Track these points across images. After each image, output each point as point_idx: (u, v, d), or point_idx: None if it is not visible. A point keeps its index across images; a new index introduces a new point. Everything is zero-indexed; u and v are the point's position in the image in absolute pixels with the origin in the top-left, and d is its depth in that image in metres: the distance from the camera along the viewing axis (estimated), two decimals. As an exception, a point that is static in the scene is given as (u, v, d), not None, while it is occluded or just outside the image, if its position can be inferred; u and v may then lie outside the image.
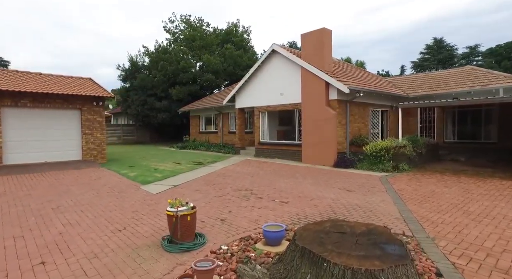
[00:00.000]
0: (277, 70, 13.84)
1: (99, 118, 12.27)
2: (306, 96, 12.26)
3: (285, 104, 13.53)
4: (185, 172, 10.28)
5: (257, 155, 14.94)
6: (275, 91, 13.87)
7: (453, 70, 15.73)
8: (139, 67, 25.38)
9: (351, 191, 7.31)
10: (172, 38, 27.15)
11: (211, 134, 21.53)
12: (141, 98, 24.37)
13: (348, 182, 8.38)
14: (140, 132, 27.93)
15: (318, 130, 11.82)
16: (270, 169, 10.88)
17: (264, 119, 14.85)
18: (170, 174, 9.82)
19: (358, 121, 12.68)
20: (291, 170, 10.57)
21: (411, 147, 10.46)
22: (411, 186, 7.77)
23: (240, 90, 15.89)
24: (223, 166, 11.80)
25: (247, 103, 15.56)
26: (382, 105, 13.89)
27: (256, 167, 11.40)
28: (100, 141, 12.35)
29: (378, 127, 13.78)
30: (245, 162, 12.86)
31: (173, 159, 13.97)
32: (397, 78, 17.74)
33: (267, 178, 9.12)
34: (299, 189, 7.63)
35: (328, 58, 11.95)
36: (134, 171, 10.55)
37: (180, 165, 11.94)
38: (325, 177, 9.20)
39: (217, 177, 9.45)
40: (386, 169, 9.94)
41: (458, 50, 37.83)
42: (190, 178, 9.18)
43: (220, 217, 5.40)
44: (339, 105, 11.64)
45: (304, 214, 5.48)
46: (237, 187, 7.88)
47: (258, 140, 14.95)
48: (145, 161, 13.22)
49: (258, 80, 14.80)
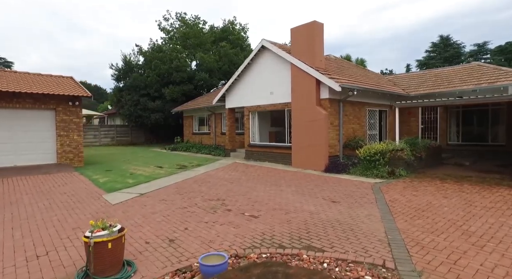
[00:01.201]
0: (267, 68, 12.97)
1: (76, 119, 11.53)
2: (296, 95, 11.37)
3: (275, 104, 12.66)
4: (161, 178, 9.47)
5: (247, 158, 14.08)
6: (265, 90, 13.01)
7: (458, 66, 14.66)
8: (132, 67, 24.69)
9: (335, 202, 6.41)
10: (167, 36, 26.45)
11: (204, 135, 20.74)
12: (134, 98, 23.68)
13: (335, 191, 7.47)
14: (135, 133, 27.27)
15: (308, 132, 10.92)
16: (254, 175, 10.01)
17: (254, 120, 13.99)
18: (144, 180, 9.01)
19: (353, 122, 11.74)
20: (277, 176, 9.70)
21: (409, 151, 9.50)
22: (405, 196, 6.83)
23: (230, 89, 15.05)
24: (205, 170, 10.97)
25: (237, 102, 14.72)
26: (380, 104, 12.93)
27: (241, 172, 10.54)
28: (77, 143, 11.60)
29: (375, 128, 12.82)
30: (231, 166, 12.01)
31: (158, 162, 13.19)
32: (397, 76, 16.73)
33: (246, 186, 8.26)
34: (278, 199, 6.75)
35: (319, 53, 11.04)
36: (107, 176, 9.78)
37: (161, 169, 11.14)
38: (312, 185, 8.30)
39: (193, 183, 8.61)
40: (381, 175, 9.00)
41: (465, 48, 36.49)
42: (163, 185, 8.36)
43: (170, 236, 4.55)
44: (331, 105, 10.73)
45: (271, 234, 4.61)
46: (209, 197, 7.03)
47: (248, 142, 14.09)
48: (126, 165, 12.45)
49: (248, 79, 13.95)
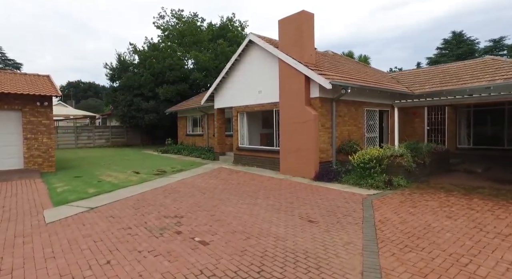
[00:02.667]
0: (255, 64, 11.86)
1: (46, 120, 10.65)
2: (284, 93, 10.23)
3: (263, 104, 11.53)
4: (129, 186, 8.47)
5: (235, 163, 12.99)
6: (254, 89, 11.90)
7: (469, 61, 13.23)
8: (127, 66, 23.91)
9: (313, 222, 5.27)
10: (163, 34, 25.61)
11: (198, 137, 19.75)
12: (128, 99, 22.87)
13: (318, 206, 6.31)
14: (131, 134, 26.50)
15: (297, 134, 9.76)
16: (234, 183, 8.92)
17: (243, 121, 12.89)
18: (107, 189, 8.02)
19: (349, 124, 10.52)
20: (258, 185, 8.58)
21: (410, 157, 8.24)
22: (400, 214, 5.63)
23: (218, 88, 13.99)
24: (183, 177, 9.93)
25: (226, 102, 13.66)
26: (381, 104, 11.66)
27: (221, 180, 9.46)
28: (47, 147, 10.72)
29: (375, 130, 11.56)
30: (214, 172, 10.94)
31: (139, 167, 12.23)
32: (402, 72, 15.35)
33: (218, 198, 7.17)
34: (245, 217, 5.64)
35: (309, 47, 9.87)
36: (71, 184, 8.83)
37: (136, 176, 10.15)
38: (293, 197, 7.16)
39: (160, 194, 7.57)
40: (376, 185, 7.79)
41: (479, 44, 34.53)
42: (125, 196, 7.34)
43: (78, 276, 3.50)
44: (323, 105, 9.55)
45: (211, 272, 3.51)
46: (167, 212, 5.97)
47: (237, 145, 13.00)
48: (102, 170, 11.52)
49: (236, 77, 12.87)
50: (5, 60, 48.20)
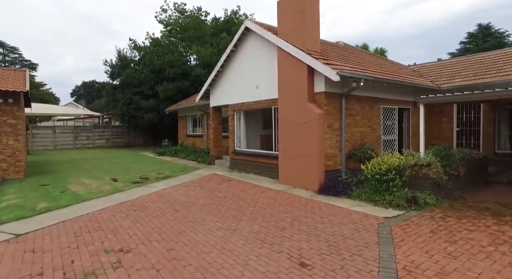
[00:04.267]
0: (252, 56, 10.27)
1: (11, 119, 9.41)
2: (283, 88, 8.59)
3: (261, 101, 9.92)
4: (93, 199, 7.05)
5: (231, 168, 11.44)
6: (251, 84, 10.31)
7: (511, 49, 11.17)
8: (127, 63, 22.75)
9: (306, 267, 3.65)
10: (165, 29, 24.34)
11: (197, 137, 18.33)
12: (127, 97, 21.70)
13: (318, 235, 4.68)
14: (132, 135, 25.40)
15: (298, 137, 8.11)
16: (220, 196, 7.36)
17: (240, 121, 11.32)
18: (64, 204, 6.62)
19: (362, 124, 8.78)
20: (248, 200, 6.98)
21: (439, 166, 6.46)
22: (434, 256, 3.92)
23: (214, 83, 12.48)
24: (164, 186, 8.45)
25: (221, 100, 12.12)
26: (400, 101, 9.85)
27: (207, 191, 7.92)
28: (14, 149, 9.47)
29: (393, 132, 9.76)
30: (203, 180, 9.42)
31: (121, 172, 10.86)
32: (424, 65, 13.37)
33: (191, 219, 5.62)
34: (213, 255, 4.06)
35: (313, 32, 8.19)
36: (27, 195, 7.48)
37: (112, 184, 8.76)
38: (288, 219, 5.53)
39: (120, 212, 6.10)
40: (396, 202, 6.06)
41: (510, 37, 31.63)
42: (76, 215, 5.89)
43: None
44: (329, 101, 7.86)
45: None
46: (112, 244, 4.47)
47: (233, 148, 11.45)
48: (80, 175, 10.19)
49: (232, 70, 11.31)
50: (21, 60, 48.81)
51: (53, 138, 22.31)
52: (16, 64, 48.12)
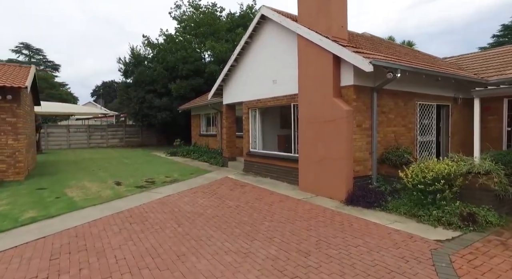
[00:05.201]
0: (269, 47, 9.25)
1: (11, 118, 8.79)
2: (304, 82, 7.52)
3: (278, 97, 8.88)
4: (89, 207, 6.25)
5: (246, 171, 10.47)
6: (267, 78, 9.30)
7: None
8: (141, 60, 22.19)
9: (343, 323, 2.60)
10: (179, 26, 23.65)
11: (211, 137, 17.48)
12: (140, 95, 21.13)
13: (352, 264, 3.61)
14: (146, 134, 24.90)
15: (322, 138, 7.03)
16: (232, 205, 6.38)
17: (255, 119, 10.32)
18: (53, 213, 5.83)
19: (396, 123, 7.59)
20: (264, 211, 5.97)
21: (502, 176, 5.22)
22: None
23: (227, 79, 11.54)
24: (170, 192, 7.57)
25: (235, 96, 11.16)
26: (438, 96, 8.57)
27: (217, 199, 6.97)
28: (13, 150, 8.85)
29: (431, 132, 8.49)
30: (214, 185, 8.49)
31: (127, 174, 10.10)
32: (462, 56, 11.88)
33: (194, 236, 4.67)
34: (215, 294, 3.09)
35: (339, 16, 7.07)
36: (18, 201, 6.75)
37: (112, 189, 7.96)
38: (312, 239, 4.49)
39: (114, 225, 5.23)
40: (448, 220, 4.89)
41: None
42: (60, 228, 5.06)
43: None
44: (358, 96, 6.73)
45: None
46: (91, 272, 3.57)
47: (247, 149, 10.47)
48: (83, 177, 9.48)
49: (247, 64, 10.33)
50: (45, 62, 50.10)
51: (67, 137, 22.07)
52: (40, 65, 49.35)
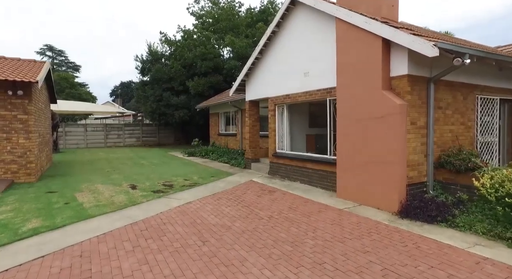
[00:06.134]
0: (300, 36, 8.25)
1: (22, 115, 8.19)
2: (344, 73, 6.49)
3: (311, 91, 7.88)
4: (99, 216, 5.47)
5: (271, 174, 9.52)
6: (298, 71, 8.31)
7: None
8: (158, 57, 21.66)
9: None
10: (197, 22, 22.98)
11: (230, 137, 16.64)
12: (157, 93, 20.59)
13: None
14: (163, 133, 24.37)
15: (367, 137, 5.99)
16: (263, 216, 5.44)
17: (282, 117, 9.36)
18: (58, 223, 5.07)
19: (454, 121, 6.44)
20: (303, 224, 4.99)
21: None
22: None
23: (251, 73, 10.62)
24: (190, 198, 6.72)
25: (260, 92, 10.22)
26: (502, 89, 7.33)
27: (245, 207, 6.05)
28: (25, 149, 8.24)
29: (493, 131, 7.26)
30: (239, 190, 7.59)
31: (143, 176, 9.37)
32: (519, 46, 10.49)
33: (223, 260, 3.76)
34: None
35: (391, -8, 6.01)
36: (23, 207, 6.05)
37: (126, 194, 7.19)
38: (376, 266, 3.49)
39: (125, 241, 4.40)
40: (545, 243, 3.78)
41: None
42: (62, 246, 4.24)
43: None
44: (413, 88, 5.65)
45: None
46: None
47: (273, 150, 9.51)
48: (96, 180, 8.79)
49: (274, 56, 9.37)
50: (67, 63, 51.19)
51: (85, 136, 21.80)
52: (62, 66, 50.33)
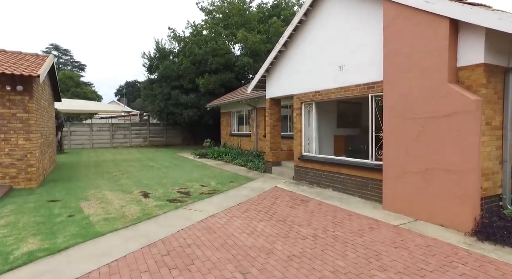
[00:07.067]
0: (333, 24, 7.28)
1: (23, 113, 7.31)
2: (394, 64, 5.51)
3: (347, 87, 6.89)
4: (109, 234, 4.55)
5: (297, 179, 8.57)
6: (330, 64, 7.34)
7: None
8: (166, 54, 20.80)
9: None
10: (207, 17, 22.09)
11: (244, 137, 15.70)
12: (165, 92, 19.72)
13: None
14: (171, 133, 23.52)
15: (426, 139, 5.01)
16: (305, 234, 4.48)
17: (310, 117, 8.40)
18: (61, 245, 4.16)
19: (526, 120, 5.42)
20: (358, 246, 4.03)
21: None
22: None
23: (272, 68, 9.66)
24: (213, 211, 5.78)
25: (284, 88, 9.26)
26: None
27: (280, 222, 5.10)
28: (25, 151, 7.36)
29: None
30: (266, 199, 6.64)
31: (155, 181, 8.46)
32: None
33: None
34: None
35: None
36: (19, 221, 5.15)
37: (139, 203, 6.28)
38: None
39: (146, 271, 3.47)
40: None
41: None
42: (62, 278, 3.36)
43: None
44: (489, 80, 4.66)
45: None
46: None
47: (300, 152, 8.54)
48: (103, 185, 7.90)
49: (301, 49, 8.41)
50: (72, 62, 50.88)
51: (90, 136, 21.02)
52: (67, 66, 49.99)
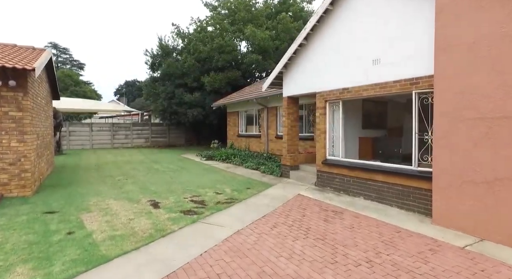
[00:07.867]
0: (367, 11, 6.47)
1: (15, 111, 6.47)
2: (449, 56, 4.70)
3: (384, 83, 6.08)
4: (111, 261, 3.73)
5: (320, 185, 7.75)
6: (362, 58, 6.53)
7: None
8: (169, 51, 19.96)
9: None
10: (212, 13, 21.26)
11: (253, 138, 14.88)
12: (168, 90, 18.88)
13: None
14: (174, 133, 22.69)
15: (494, 144, 4.21)
16: (356, 259, 3.66)
17: (335, 117, 7.58)
18: (63, 275, 3.34)
19: None
20: (428, 278, 3.22)
21: None
22: None
23: (290, 64, 8.83)
24: (236, 226, 4.96)
25: (304, 86, 8.43)
26: None
27: (318, 241, 4.29)
28: (18, 154, 6.53)
29: None
30: (292, 210, 5.82)
31: (164, 187, 7.64)
32: None
33: None
34: None
35: None
36: (8, 241, 4.36)
37: (149, 216, 5.46)
38: None
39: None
40: None
41: None
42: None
43: None
44: None
45: None
46: None
47: (323, 156, 7.73)
48: (106, 193, 7.06)
49: (325, 41, 7.60)
50: (71, 61, 50.24)
51: (90, 137, 20.18)
52: (66, 64, 49.25)
